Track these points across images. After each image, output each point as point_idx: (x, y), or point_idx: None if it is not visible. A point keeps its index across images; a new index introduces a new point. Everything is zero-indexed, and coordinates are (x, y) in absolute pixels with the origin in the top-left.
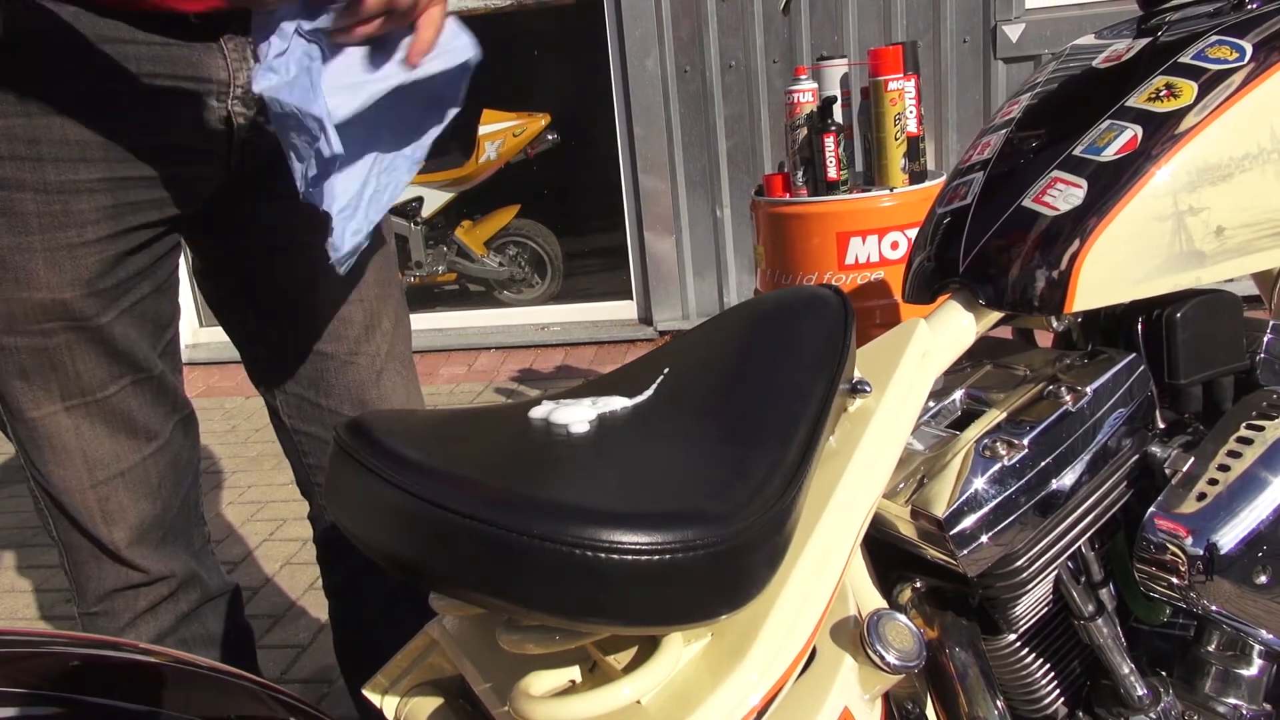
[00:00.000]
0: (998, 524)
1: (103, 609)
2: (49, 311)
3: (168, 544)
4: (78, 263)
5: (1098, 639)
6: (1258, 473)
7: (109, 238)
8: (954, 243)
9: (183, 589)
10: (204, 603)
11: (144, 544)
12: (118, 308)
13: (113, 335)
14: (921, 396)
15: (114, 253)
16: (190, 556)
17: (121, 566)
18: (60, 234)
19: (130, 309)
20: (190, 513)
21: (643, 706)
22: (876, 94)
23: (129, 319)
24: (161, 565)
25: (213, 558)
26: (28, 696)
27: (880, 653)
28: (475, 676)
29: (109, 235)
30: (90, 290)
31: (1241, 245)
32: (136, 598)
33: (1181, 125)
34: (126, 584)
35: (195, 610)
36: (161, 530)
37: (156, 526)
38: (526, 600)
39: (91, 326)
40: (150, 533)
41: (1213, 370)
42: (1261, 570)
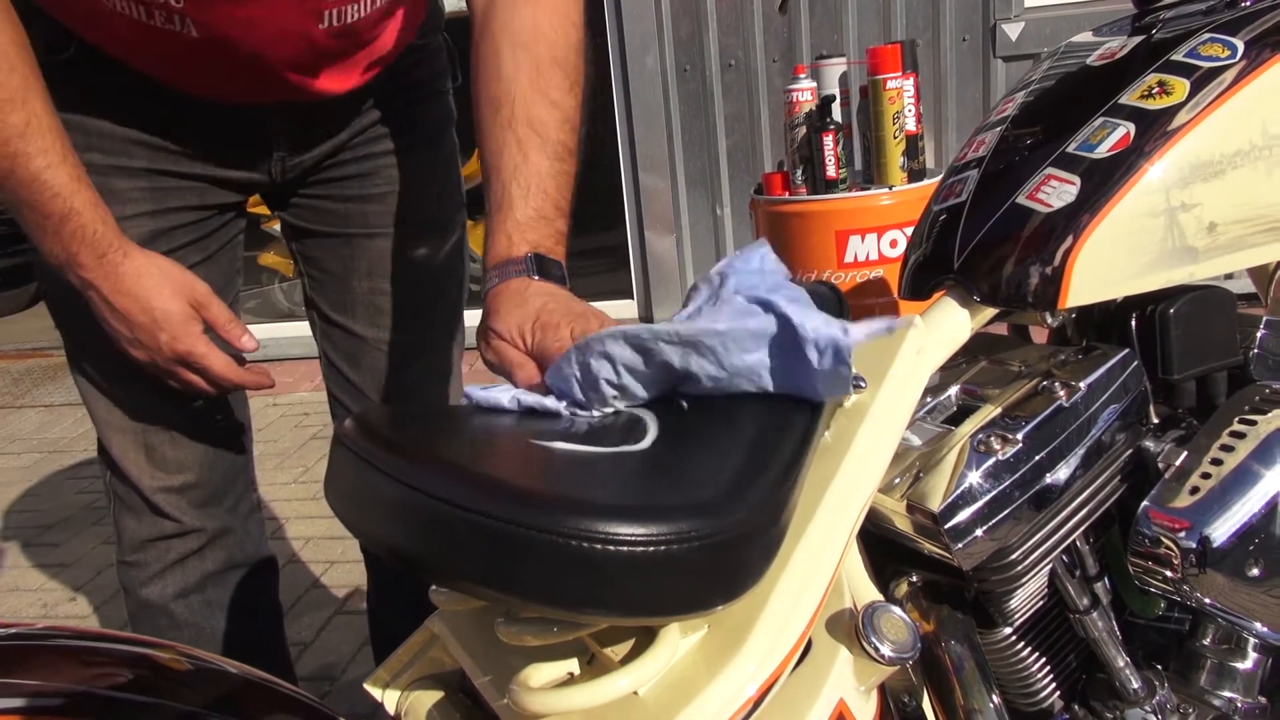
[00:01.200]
0: (993, 518)
1: (136, 559)
2: None
3: (206, 502)
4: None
5: (1093, 632)
6: (1250, 467)
7: (149, 214)
8: (949, 240)
9: (211, 546)
10: (233, 567)
11: (182, 497)
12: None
13: None
14: (917, 392)
15: (154, 228)
16: (227, 516)
17: (156, 517)
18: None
19: None
20: (237, 476)
21: (640, 697)
22: (875, 93)
23: None
24: (194, 519)
25: (259, 527)
26: (39, 689)
27: (875, 644)
28: (475, 670)
29: (148, 213)
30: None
31: (1234, 241)
32: (167, 550)
33: (1173, 122)
34: (159, 534)
35: (223, 572)
36: (202, 488)
37: (198, 484)
38: (525, 592)
39: None
40: (190, 489)
41: (1206, 365)
42: (1254, 563)
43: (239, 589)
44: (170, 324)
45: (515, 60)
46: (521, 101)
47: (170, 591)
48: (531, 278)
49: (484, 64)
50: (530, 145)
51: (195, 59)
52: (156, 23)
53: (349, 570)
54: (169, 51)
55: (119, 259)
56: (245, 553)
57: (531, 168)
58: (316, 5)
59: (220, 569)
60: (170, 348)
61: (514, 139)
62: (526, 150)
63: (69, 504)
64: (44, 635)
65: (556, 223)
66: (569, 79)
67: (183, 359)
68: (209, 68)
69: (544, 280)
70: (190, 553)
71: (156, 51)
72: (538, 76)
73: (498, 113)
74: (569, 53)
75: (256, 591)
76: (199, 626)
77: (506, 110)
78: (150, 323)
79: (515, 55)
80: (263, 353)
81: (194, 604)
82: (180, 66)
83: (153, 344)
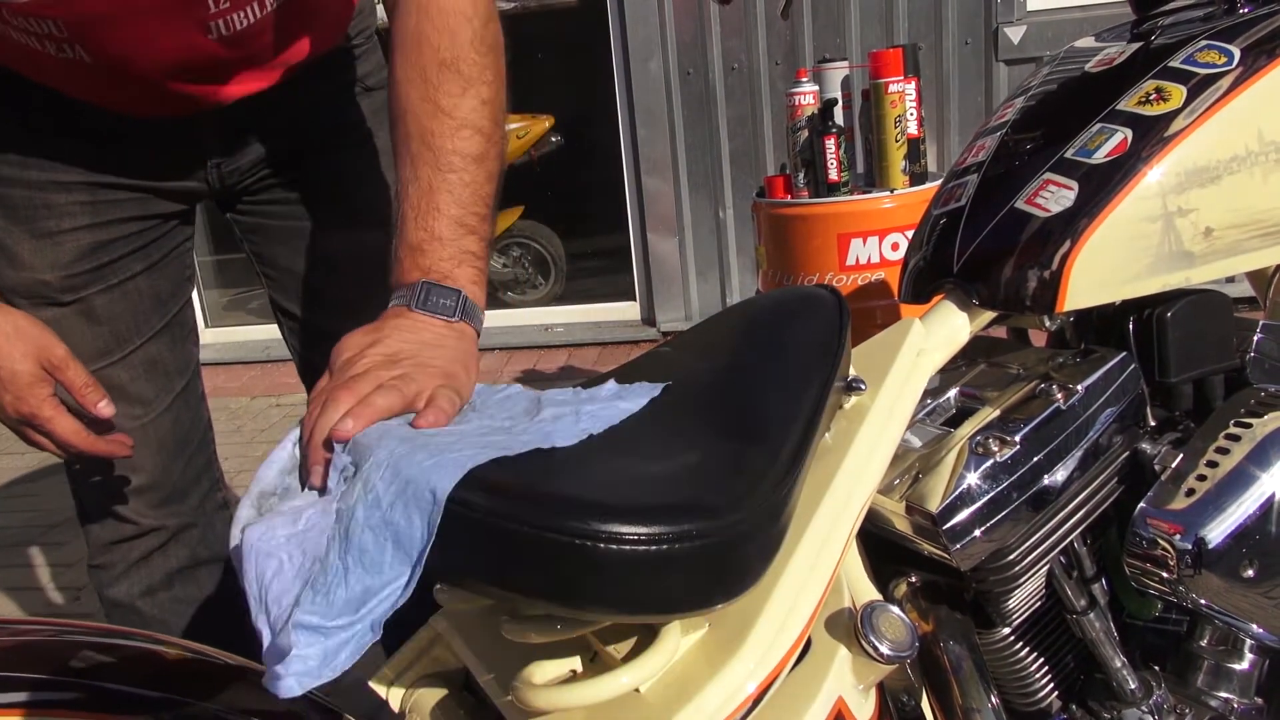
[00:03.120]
0: (991, 519)
1: (102, 561)
2: (33, 290)
3: (165, 501)
4: (59, 248)
5: (1090, 633)
6: (1245, 469)
7: (87, 228)
8: (949, 243)
9: (173, 544)
10: (199, 564)
11: (139, 499)
12: (101, 283)
13: (95, 312)
14: (916, 394)
15: (93, 241)
16: (189, 514)
17: (116, 520)
18: (42, 223)
19: (117, 285)
20: (199, 474)
21: (642, 694)
22: (877, 96)
23: (116, 295)
24: (152, 519)
25: (226, 525)
26: (42, 681)
27: (874, 643)
28: (479, 668)
29: (87, 225)
30: (70, 272)
31: (1230, 246)
32: (130, 550)
33: (1170, 128)
34: (120, 536)
35: (190, 569)
36: (159, 489)
37: (153, 485)
38: (530, 590)
39: (72, 304)
40: (146, 490)
41: (1202, 369)
42: (1249, 565)
43: (206, 584)
44: (15, 385)
45: (405, 73)
46: (412, 115)
47: (136, 590)
48: (411, 309)
49: (388, 82)
50: (421, 160)
51: (98, 80)
52: (50, 51)
53: None
54: (74, 74)
55: None
56: (210, 549)
57: (422, 185)
58: (200, 16)
59: (185, 565)
60: (14, 408)
61: (407, 156)
62: (417, 166)
63: (71, 505)
64: (54, 631)
65: (461, 241)
66: (462, 80)
67: (26, 420)
68: (114, 87)
69: (424, 312)
70: (153, 550)
71: (64, 74)
72: (425, 85)
73: (395, 130)
74: (460, 52)
75: (225, 586)
76: (167, 623)
77: (400, 127)
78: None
79: (405, 68)
80: (265, 353)
81: (161, 601)
82: (90, 87)
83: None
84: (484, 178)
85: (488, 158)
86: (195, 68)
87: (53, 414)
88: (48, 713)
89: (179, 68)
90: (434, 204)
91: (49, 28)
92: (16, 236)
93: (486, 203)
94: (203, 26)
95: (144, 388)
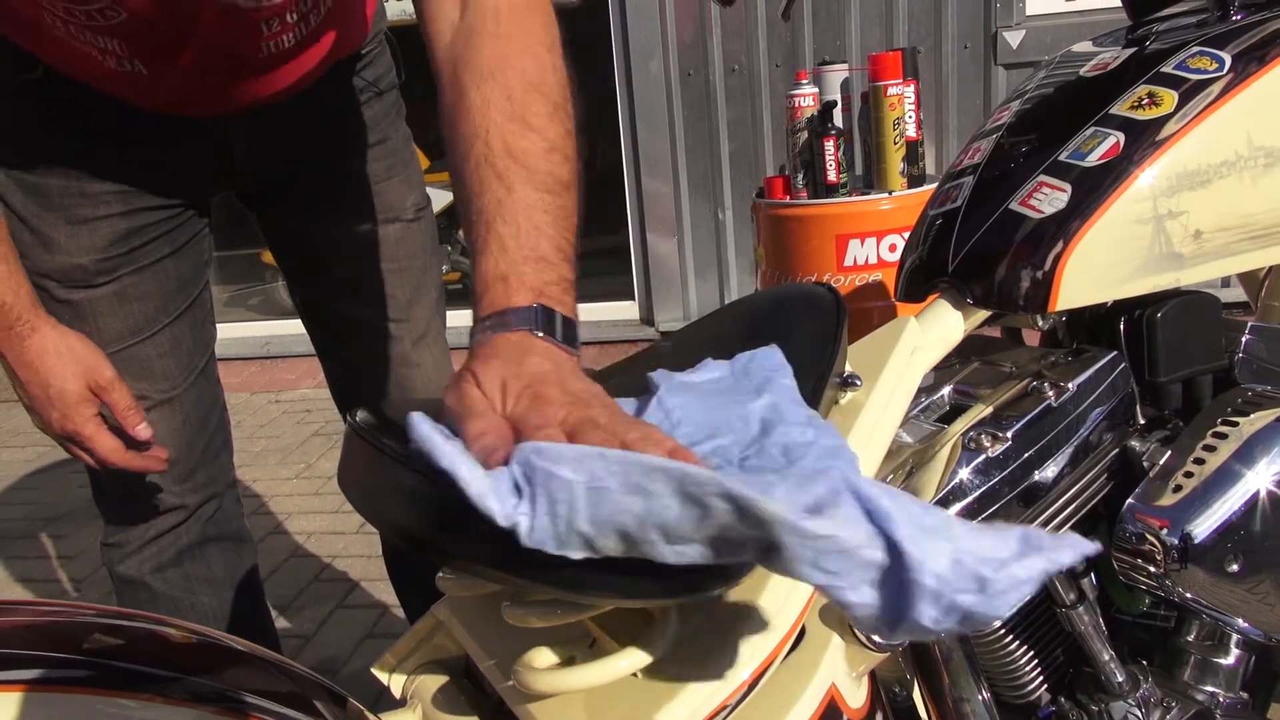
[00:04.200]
0: (982, 513)
1: (117, 539)
2: (69, 275)
3: (187, 478)
4: (94, 233)
5: (1079, 627)
6: (1231, 467)
7: (122, 214)
8: (944, 244)
9: (189, 522)
10: (208, 541)
11: (163, 478)
12: (132, 265)
13: (126, 292)
14: (910, 391)
15: (126, 227)
16: (206, 491)
17: (137, 499)
18: (77, 210)
19: (147, 267)
20: (218, 451)
21: (639, 679)
22: (876, 99)
23: (146, 275)
24: (175, 497)
25: (236, 504)
26: (50, 659)
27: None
28: (480, 654)
29: (121, 213)
30: (104, 256)
31: (1219, 249)
32: (148, 528)
33: (1162, 132)
34: (141, 514)
35: (199, 547)
36: (183, 464)
37: (177, 463)
38: (533, 574)
39: (105, 285)
40: (170, 469)
41: (1191, 369)
42: (1234, 559)
43: (216, 564)
44: (63, 403)
45: (483, 94)
46: (496, 132)
47: (148, 567)
48: (536, 334)
49: (452, 108)
50: (514, 176)
51: (150, 85)
52: (111, 65)
53: (350, 565)
54: (127, 80)
55: (26, 333)
56: (221, 529)
57: (518, 200)
58: (251, 38)
59: (196, 543)
60: (60, 425)
61: (493, 173)
62: (510, 182)
63: (73, 497)
64: (62, 610)
65: (559, 267)
66: (550, 103)
67: (70, 437)
68: (167, 90)
69: (551, 341)
70: (167, 529)
71: (114, 79)
72: (511, 104)
73: (470, 150)
74: (545, 77)
75: (235, 566)
76: (176, 599)
77: (480, 145)
78: (44, 398)
79: (482, 89)
80: (265, 349)
81: (171, 577)
82: (139, 92)
83: (45, 416)
84: (573, 207)
85: (575, 192)
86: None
87: (94, 433)
88: (56, 689)
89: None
90: (534, 223)
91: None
92: (51, 223)
93: (575, 233)
94: (257, 48)
95: (169, 365)
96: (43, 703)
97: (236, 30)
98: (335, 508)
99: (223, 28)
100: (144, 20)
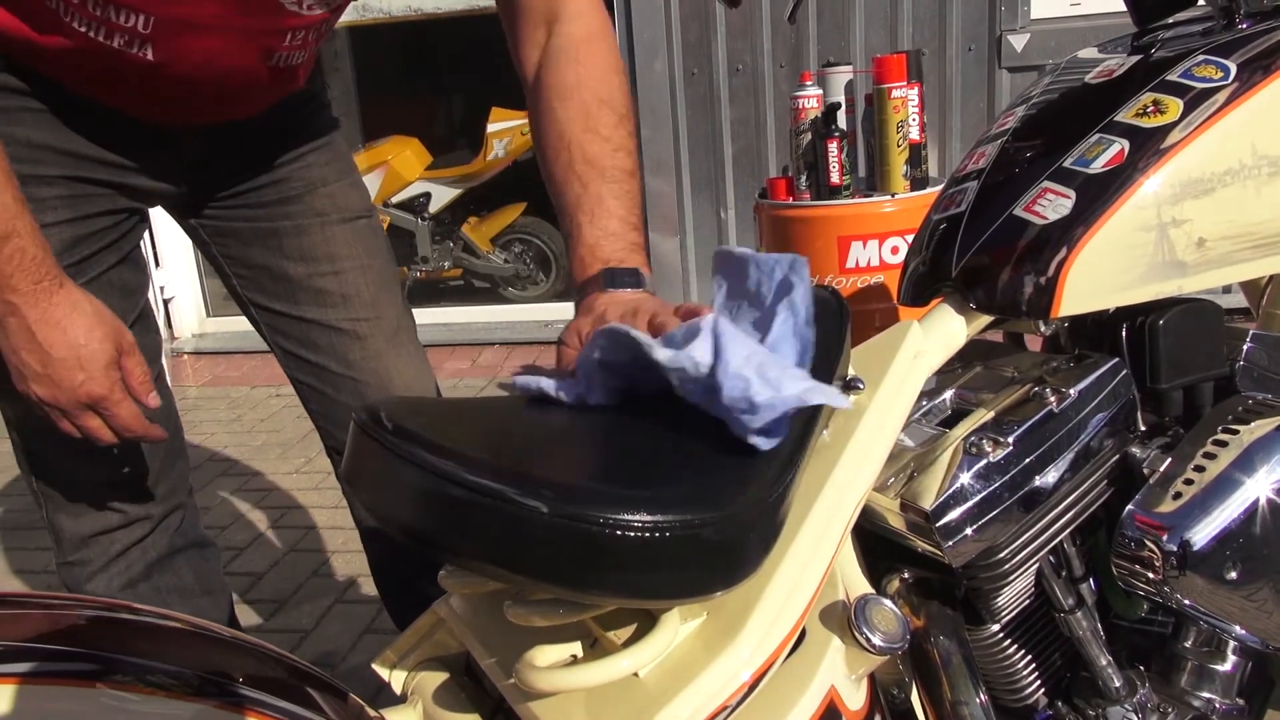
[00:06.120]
0: (982, 518)
1: (78, 557)
2: None
3: (151, 488)
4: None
5: (1077, 631)
6: (1231, 474)
7: (68, 222)
8: (948, 248)
9: (156, 532)
10: (176, 552)
11: (127, 489)
12: (83, 277)
13: None
14: (913, 395)
15: (74, 235)
16: (170, 500)
17: (99, 510)
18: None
19: (96, 278)
20: (174, 460)
21: (640, 678)
22: (880, 101)
23: (95, 287)
24: (139, 508)
25: (196, 512)
26: (52, 653)
27: (866, 635)
28: (481, 652)
29: (69, 220)
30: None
31: (1222, 257)
32: (111, 542)
33: (1166, 140)
34: (104, 528)
35: (168, 559)
36: (145, 477)
37: (141, 473)
38: (538, 573)
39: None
40: (133, 479)
41: (1192, 376)
42: (1232, 567)
43: (185, 572)
44: (93, 364)
45: (566, 111)
46: (576, 144)
47: (117, 584)
48: (603, 291)
49: (541, 120)
50: (589, 177)
51: (137, 81)
52: (114, 44)
53: (349, 560)
54: (111, 73)
55: (54, 288)
56: (186, 537)
57: (591, 195)
58: (269, 45)
59: (164, 555)
60: (84, 389)
61: (575, 178)
62: (586, 182)
63: None
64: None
65: (627, 235)
66: (616, 114)
67: (94, 402)
68: (148, 90)
69: (614, 290)
70: (133, 543)
71: (97, 71)
72: (587, 119)
73: (558, 158)
74: (614, 94)
75: (204, 573)
76: None
77: (565, 155)
78: (72, 359)
79: (565, 107)
80: (257, 345)
81: (143, 592)
82: (116, 87)
83: (66, 382)
84: (638, 190)
85: (637, 176)
86: (235, 88)
87: (121, 397)
88: (58, 682)
89: (224, 85)
90: (606, 209)
91: (136, 20)
92: None
93: (640, 209)
94: (268, 54)
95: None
96: (45, 696)
97: (265, 29)
98: (335, 503)
99: (254, 24)
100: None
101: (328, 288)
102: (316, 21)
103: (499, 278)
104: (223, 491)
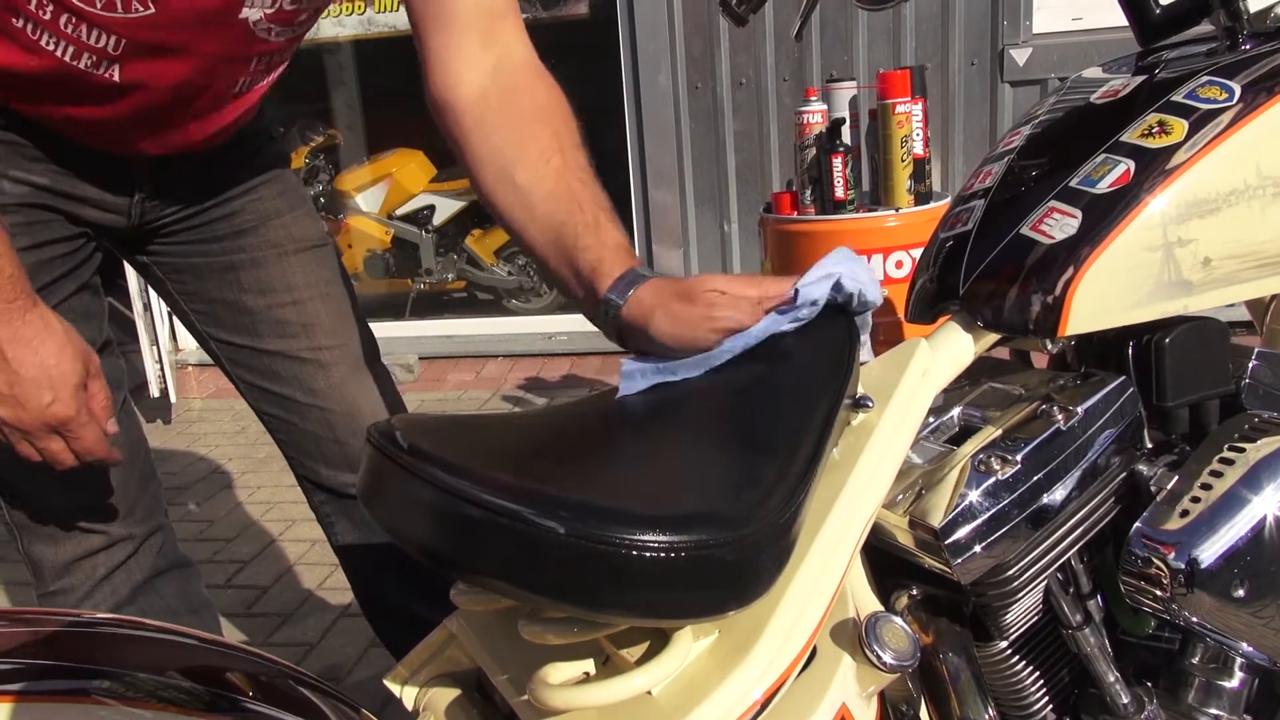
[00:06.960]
0: (991, 535)
1: (61, 586)
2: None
3: (130, 509)
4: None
5: (1085, 648)
6: (1238, 492)
7: (28, 249)
8: (955, 267)
9: (138, 554)
10: (159, 574)
11: (107, 510)
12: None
13: None
14: (921, 412)
15: (34, 261)
16: (150, 520)
17: (80, 534)
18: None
19: (58, 306)
20: (146, 481)
21: (653, 697)
22: (884, 117)
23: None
24: (121, 528)
25: (173, 534)
26: (56, 668)
27: (877, 652)
28: (493, 668)
29: (27, 247)
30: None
31: (1227, 276)
32: (95, 567)
33: (1172, 161)
34: (86, 551)
35: (151, 581)
36: (123, 498)
37: (119, 495)
38: (553, 592)
39: None
40: (112, 500)
41: (1199, 394)
42: (1240, 585)
43: (170, 593)
44: (63, 386)
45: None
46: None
47: (104, 608)
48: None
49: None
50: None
51: (96, 105)
52: (80, 64)
53: None
54: (71, 96)
55: (28, 306)
56: (168, 558)
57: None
58: (235, 72)
59: (149, 576)
60: (51, 410)
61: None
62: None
63: None
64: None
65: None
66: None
67: (60, 424)
68: (106, 115)
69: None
70: (117, 565)
71: (58, 94)
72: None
73: (548, 162)
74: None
75: (188, 593)
76: None
77: (558, 159)
78: (40, 379)
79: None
80: None
81: (129, 615)
82: (72, 111)
83: (32, 403)
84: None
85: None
86: (194, 112)
87: (87, 420)
88: (69, 699)
89: (184, 110)
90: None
91: (107, 41)
92: None
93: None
94: (234, 81)
95: None
96: (55, 713)
97: (233, 55)
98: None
99: (223, 50)
100: (170, 16)
101: (288, 318)
102: (280, 48)
103: (503, 290)
104: (227, 504)
